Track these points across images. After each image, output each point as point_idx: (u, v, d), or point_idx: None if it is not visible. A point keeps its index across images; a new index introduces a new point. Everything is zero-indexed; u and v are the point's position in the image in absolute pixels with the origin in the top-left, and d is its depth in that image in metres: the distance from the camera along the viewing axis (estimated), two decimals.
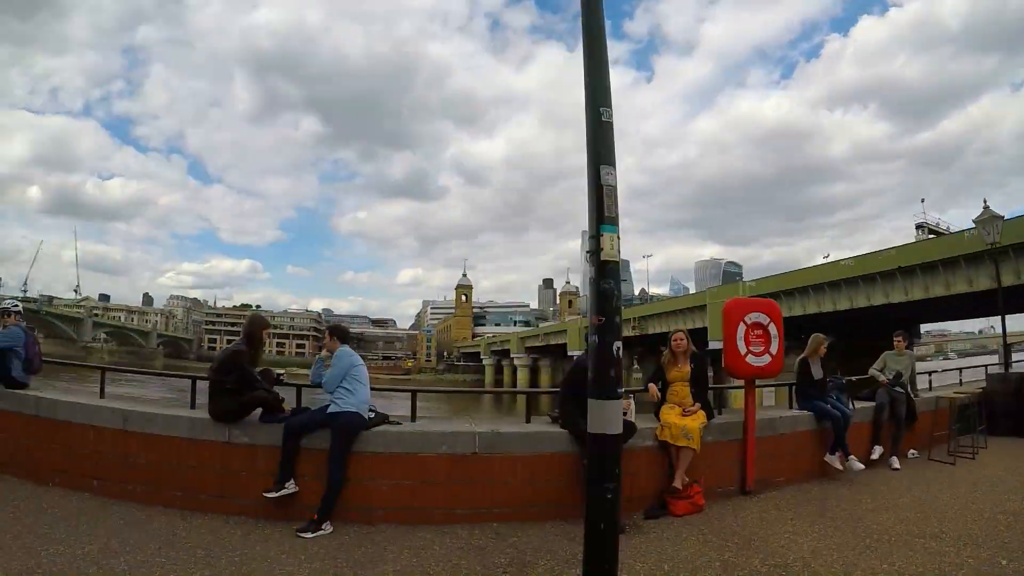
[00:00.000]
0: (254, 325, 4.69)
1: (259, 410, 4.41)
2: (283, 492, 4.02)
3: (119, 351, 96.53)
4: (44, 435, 4.67)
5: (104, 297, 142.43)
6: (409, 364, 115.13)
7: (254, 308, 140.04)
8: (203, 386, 4.60)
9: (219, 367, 4.43)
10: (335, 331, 4.70)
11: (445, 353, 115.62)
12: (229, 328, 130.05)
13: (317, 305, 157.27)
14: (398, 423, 4.56)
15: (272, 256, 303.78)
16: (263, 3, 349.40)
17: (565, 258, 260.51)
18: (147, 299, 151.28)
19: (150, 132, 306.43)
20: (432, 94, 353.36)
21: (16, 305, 5.37)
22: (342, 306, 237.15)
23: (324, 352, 4.69)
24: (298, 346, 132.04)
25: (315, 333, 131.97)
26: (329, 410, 4.26)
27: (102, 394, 5.04)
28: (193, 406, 4.81)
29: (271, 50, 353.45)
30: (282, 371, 4.95)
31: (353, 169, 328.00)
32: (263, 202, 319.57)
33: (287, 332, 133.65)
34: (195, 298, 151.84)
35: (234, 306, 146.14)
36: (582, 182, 3.02)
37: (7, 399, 4.89)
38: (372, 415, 4.39)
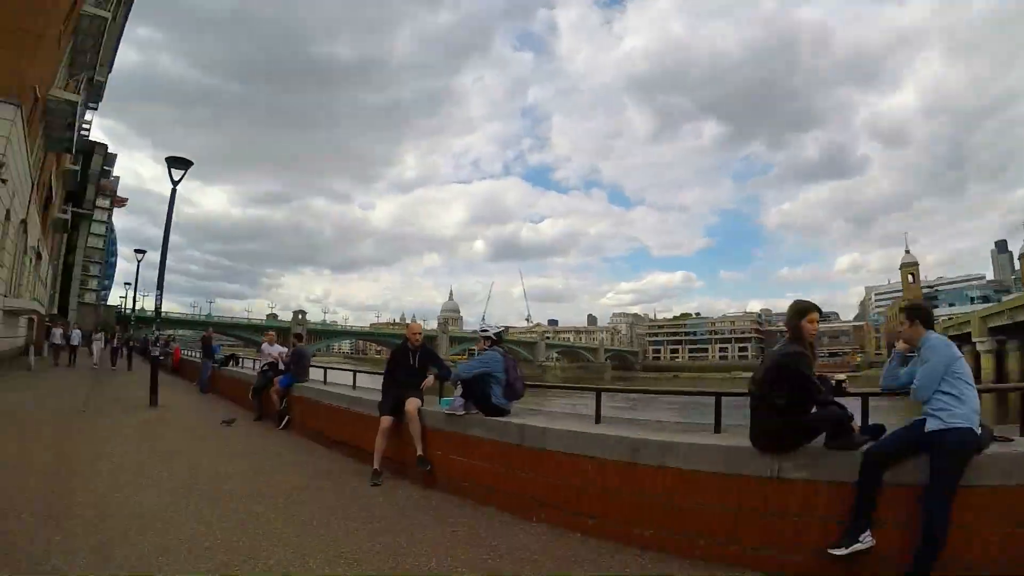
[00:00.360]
0: (798, 315, 3.44)
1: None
2: (856, 547, 2.96)
3: (570, 367, 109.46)
4: (528, 465, 4.39)
5: (552, 322, 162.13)
6: (857, 359, 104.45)
7: (693, 316, 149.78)
8: (733, 403, 4.00)
9: (771, 376, 3.35)
10: (915, 313, 3.24)
11: (894, 344, 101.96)
12: (670, 337, 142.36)
13: (755, 307, 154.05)
14: (1008, 439, 3.15)
15: (703, 264, 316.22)
16: (626, 34, 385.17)
17: (1018, 211, 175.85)
18: (591, 319, 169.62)
19: (566, 174, 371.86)
20: (821, 62, 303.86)
21: (486, 331, 5.32)
22: (780, 304, 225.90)
23: (899, 344, 3.44)
24: (740, 350, 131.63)
25: (756, 335, 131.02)
26: (929, 427, 3.01)
27: (598, 419, 4.55)
28: (718, 429, 4.01)
29: (650, 71, 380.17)
30: (843, 377, 3.53)
31: (765, 161, 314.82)
32: (685, 214, 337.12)
33: (728, 336, 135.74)
34: (635, 313, 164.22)
35: (673, 317, 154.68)
36: (1019, 109, 6.31)
37: (488, 427, 4.80)
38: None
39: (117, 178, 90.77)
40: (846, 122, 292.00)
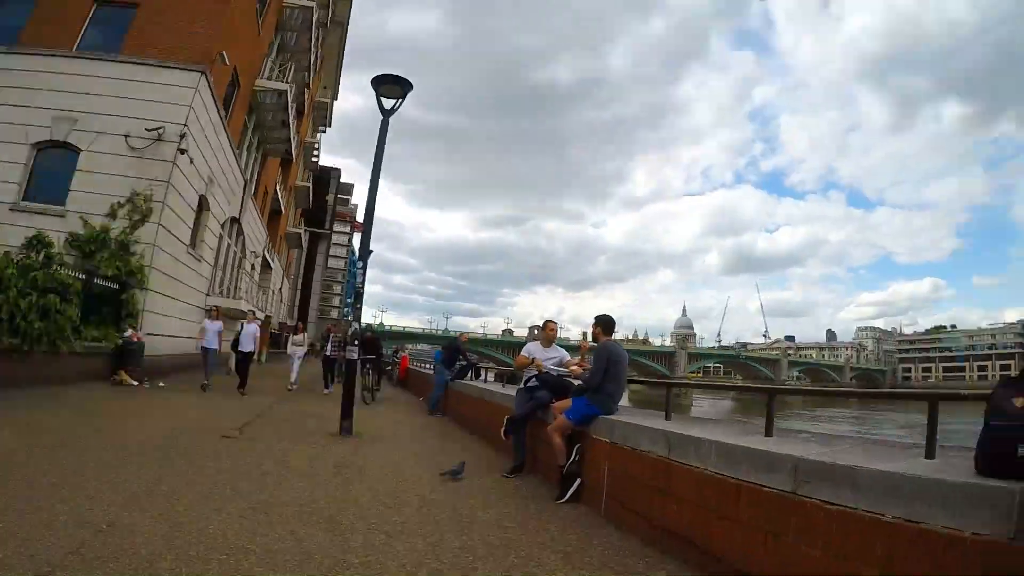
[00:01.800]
0: None
1: None
2: None
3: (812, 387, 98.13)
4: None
5: (789, 338, 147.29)
6: None
7: (948, 328, 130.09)
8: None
9: None
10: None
11: None
12: (922, 354, 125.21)
13: (1012, 317, 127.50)
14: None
15: (954, 269, 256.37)
16: (845, 14, 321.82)
17: None
18: (830, 335, 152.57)
19: (801, 177, 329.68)
20: None
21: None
22: None
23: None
24: (1002, 368, 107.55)
25: (1021, 350, 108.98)
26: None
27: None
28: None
29: (881, 52, 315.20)
30: None
31: (1019, 142, 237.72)
32: (932, 212, 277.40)
33: (988, 352, 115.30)
34: (881, 328, 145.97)
35: (926, 331, 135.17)
36: None
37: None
38: None
39: (355, 206, 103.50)
40: None
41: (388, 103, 8.21)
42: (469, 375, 11.36)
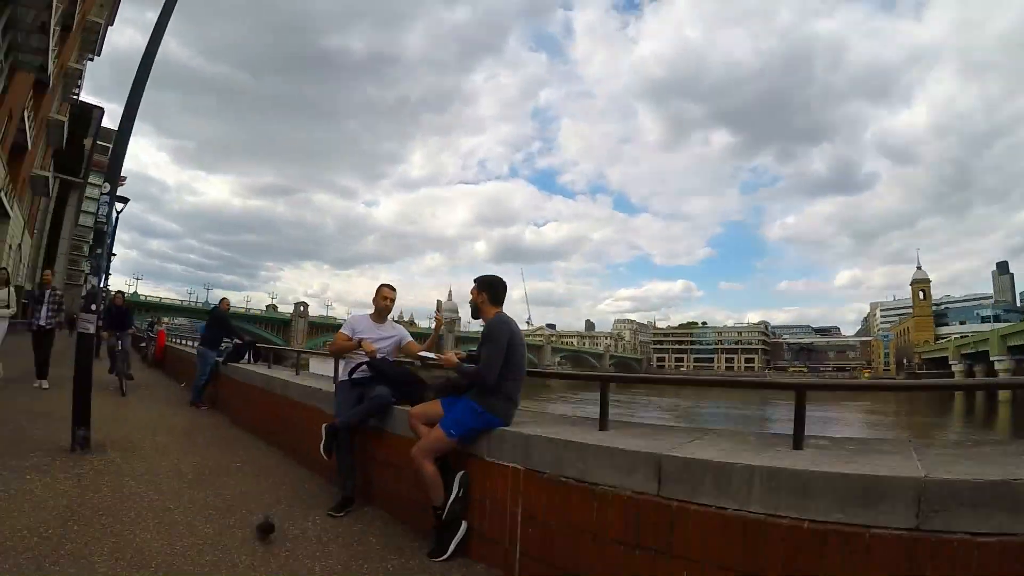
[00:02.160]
0: None
1: None
2: None
3: (574, 372, 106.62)
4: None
5: (551, 325, 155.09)
6: (866, 374, 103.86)
7: (700, 324, 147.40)
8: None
9: None
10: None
11: (904, 360, 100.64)
12: (676, 346, 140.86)
13: (753, 318, 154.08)
14: None
15: (704, 274, 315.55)
16: (641, 38, 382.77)
17: (1019, 233, 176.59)
18: (589, 325, 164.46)
19: (573, 178, 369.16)
20: (835, 76, 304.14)
21: None
22: (778, 316, 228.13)
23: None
24: (747, 361, 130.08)
25: (763, 346, 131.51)
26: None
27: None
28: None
29: (664, 77, 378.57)
30: None
31: (774, 173, 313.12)
32: (689, 223, 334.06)
33: (734, 347, 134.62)
34: (638, 321, 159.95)
35: (680, 324, 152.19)
36: None
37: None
38: None
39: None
40: (856, 137, 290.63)
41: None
42: (247, 357, 9.35)
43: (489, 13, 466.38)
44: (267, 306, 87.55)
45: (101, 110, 50.36)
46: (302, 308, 71.03)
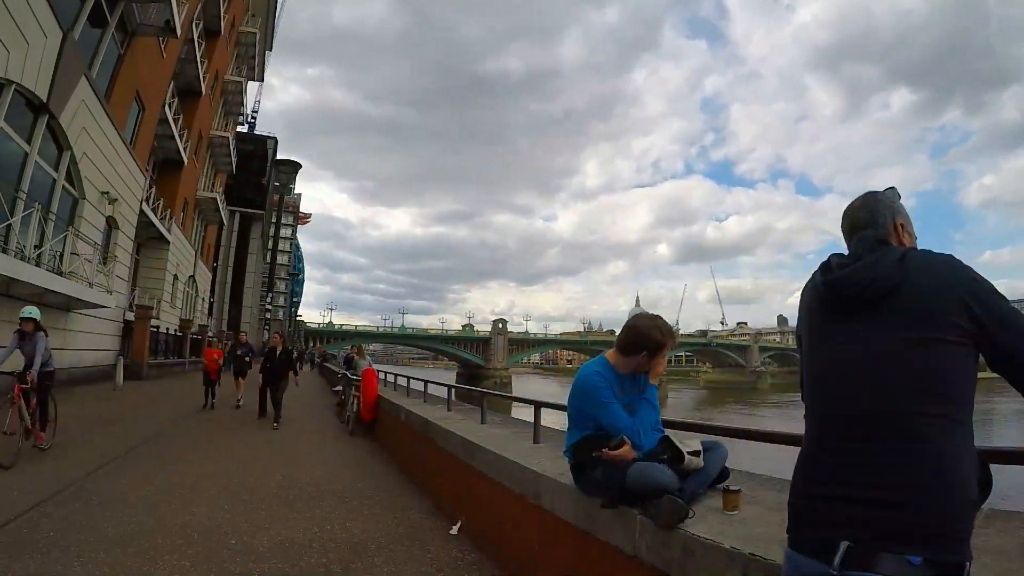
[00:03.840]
0: None
1: None
2: None
3: (780, 372, 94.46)
4: None
5: (740, 324, 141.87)
6: None
7: None
8: None
9: None
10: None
11: None
12: None
13: None
14: None
15: None
16: (799, 4, 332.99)
17: None
18: (781, 320, 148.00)
19: (751, 166, 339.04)
20: (1013, 8, 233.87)
21: None
22: None
23: None
24: None
25: None
26: None
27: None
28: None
29: (832, 41, 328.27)
30: None
31: (964, 129, 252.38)
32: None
33: None
34: None
35: None
36: None
37: None
38: None
39: (299, 194, 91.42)
40: None
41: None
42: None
43: (640, 8, 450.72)
44: (463, 326, 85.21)
45: (274, 140, 50.01)
46: (501, 325, 66.47)
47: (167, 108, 18.93)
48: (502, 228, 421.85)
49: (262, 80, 38.16)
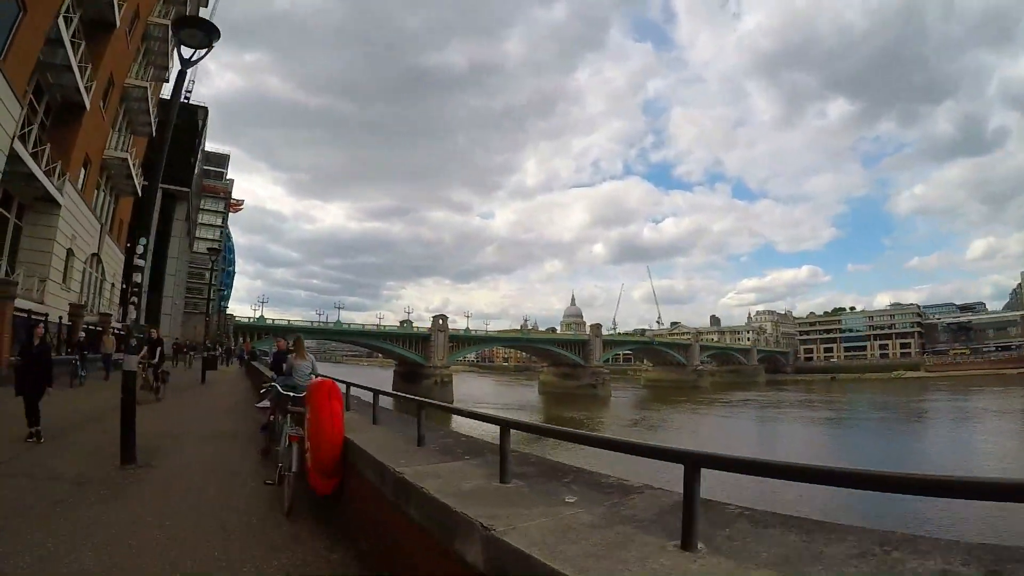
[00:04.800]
0: None
1: None
2: None
3: (720, 371, 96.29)
4: None
5: (674, 324, 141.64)
6: None
7: (848, 311, 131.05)
8: None
9: None
10: None
11: None
12: (823, 335, 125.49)
13: (883, 301, 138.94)
14: None
15: (830, 257, 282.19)
16: (744, 12, 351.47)
17: None
18: (714, 320, 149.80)
19: (689, 168, 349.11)
20: (951, 25, 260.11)
21: None
22: (908, 296, 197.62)
23: None
24: (902, 347, 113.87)
25: (919, 329, 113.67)
26: None
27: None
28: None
29: (773, 49, 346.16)
30: None
31: (898, 140, 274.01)
32: (811, 204, 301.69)
33: (888, 332, 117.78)
34: (776, 311, 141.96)
35: (825, 313, 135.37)
36: None
37: None
38: None
39: (231, 180, 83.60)
40: (980, 90, 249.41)
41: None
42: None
43: (587, 7, 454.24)
44: (401, 322, 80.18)
45: (205, 110, 43.99)
46: (441, 321, 62.45)
47: (62, 23, 14.40)
48: (438, 225, 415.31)
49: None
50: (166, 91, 29.70)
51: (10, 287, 11.61)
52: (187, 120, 41.62)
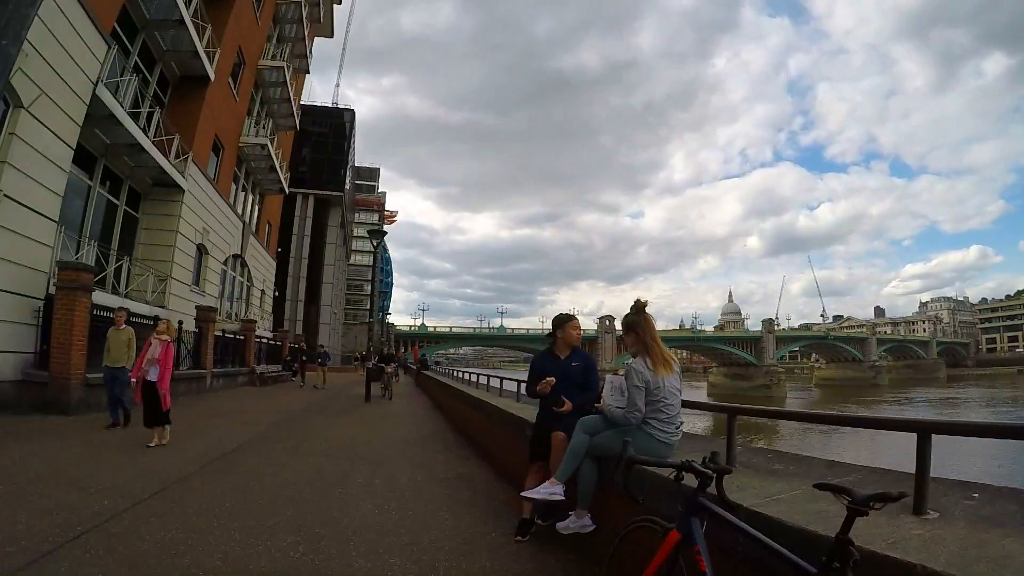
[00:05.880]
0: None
1: None
2: None
3: (896, 366, 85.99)
4: None
5: (837, 317, 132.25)
6: None
7: None
8: None
9: None
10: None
11: None
12: (1008, 323, 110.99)
13: None
14: None
15: (1000, 235, 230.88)
16: None
17: None
18: (878, 311, 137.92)
19: (842, 149, 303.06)
20: None
21: None
22: None
23: None
24: None
25: None
26: None
27: None
28: None
29: (917, 5, 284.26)
30: None
31: None
32: (976, 176, 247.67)
33: None
34: (954, 298, 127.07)
35: (1007, 297, 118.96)
36: None
37: None
38: None
39: (383, 193, 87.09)
40: None
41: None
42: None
43: None
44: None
45: (352, 112, 43.55)
46: (608, 323, 58.45)
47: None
48: (589, 227, 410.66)
49: (331, 36, 31.21)
50: (307, 88, 28.08)
51: (81, 274, 8.15)
52: (334, 124, 41.53)
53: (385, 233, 16.67)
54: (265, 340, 20.58)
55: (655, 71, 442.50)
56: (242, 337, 16.46)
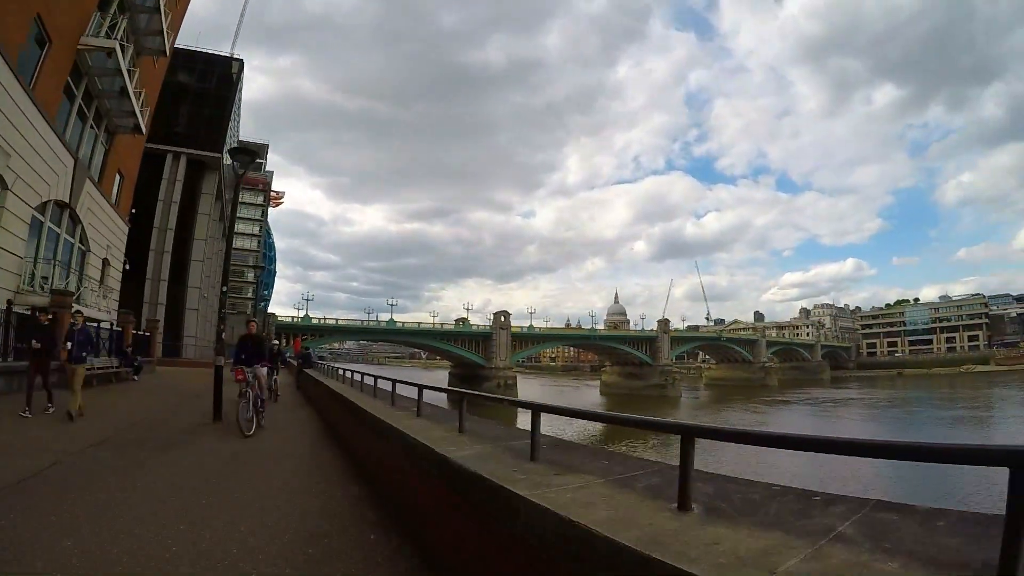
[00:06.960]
0: None
1: None
2: None
3: (783, 368, 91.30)
4: None
5: (719, 321, 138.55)
6: None
7: (911, 303, 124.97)
8: None
9: None
10: None
11: None
12: (886, 329, 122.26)
13: (929, 294, 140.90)
14: None
15: (875, 250, 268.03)
16: None
17: None
18: (758, 316, 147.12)
19: (732, 162, 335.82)
20: (998, 3, 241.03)
21: None
22: (956, 289, 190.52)
23: None
24: (970, 339, 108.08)
25: (986, 321, 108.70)
26: None
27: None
28: None
29: (818, 33, 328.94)
30: None
31: (945, 127, 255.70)
32: (856, 196, 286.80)
33: (954, 324, 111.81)
34: (833, 304, 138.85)
35: (887, 305, 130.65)
36: None
37: None
38: None
39: (270, 172, 77.44)
40: None
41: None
42: None
43: None
44: (457, 321, 72.64)
45: (240, 62, 36.53)
46: (503, 318, 54.87)
47: None
48: (479, 225, 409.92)
49: None
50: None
51: None
52: (219, 75, 34.53)
53: (256, 154, 12.36)
54: (100, 324, 14.96)
55: (559, 73, 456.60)
56: (51, 314, 11.13)
